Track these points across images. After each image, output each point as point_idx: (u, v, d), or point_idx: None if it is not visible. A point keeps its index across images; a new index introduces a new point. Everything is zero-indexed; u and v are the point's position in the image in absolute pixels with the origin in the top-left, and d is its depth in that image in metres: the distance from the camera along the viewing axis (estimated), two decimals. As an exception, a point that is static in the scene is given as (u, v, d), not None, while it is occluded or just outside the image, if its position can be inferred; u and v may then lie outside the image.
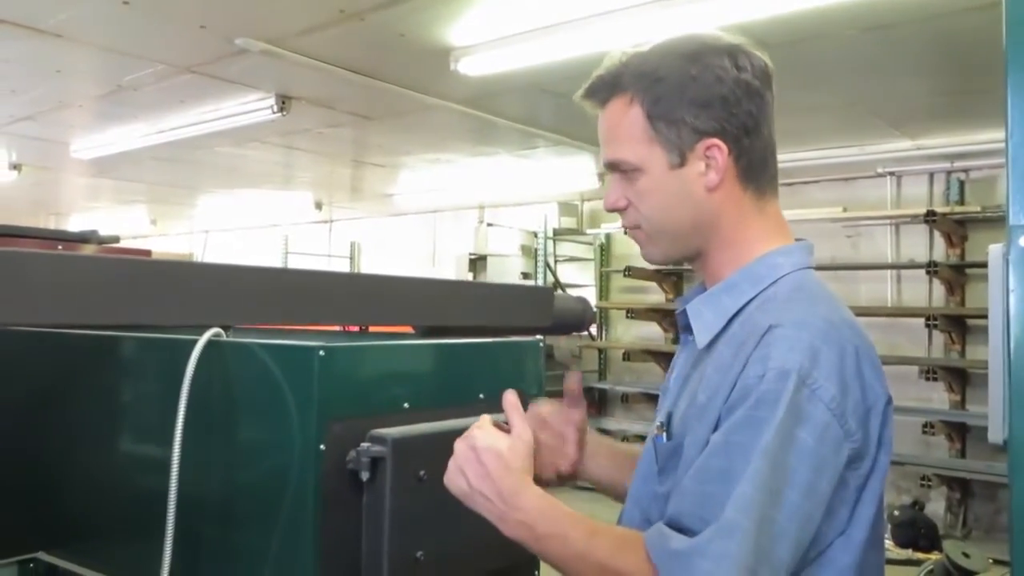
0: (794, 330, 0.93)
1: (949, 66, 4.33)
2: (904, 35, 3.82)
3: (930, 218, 5.86)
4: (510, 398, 1.11)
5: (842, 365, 0.93)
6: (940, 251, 6.20)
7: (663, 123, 1.03)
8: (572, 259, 8.55)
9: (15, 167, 7.45)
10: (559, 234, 8.27)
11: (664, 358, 7.05)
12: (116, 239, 2.58)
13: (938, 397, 6.10)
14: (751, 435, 0.89)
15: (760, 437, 0.89)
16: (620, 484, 1.25)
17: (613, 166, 1.10)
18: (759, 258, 1.06)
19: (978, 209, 5.86)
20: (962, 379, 6.00)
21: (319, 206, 9.75)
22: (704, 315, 1.07)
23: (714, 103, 1.01)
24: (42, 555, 1.53)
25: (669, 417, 1.08)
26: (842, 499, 0.94)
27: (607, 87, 1.09)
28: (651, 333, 7.70)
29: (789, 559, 0.89)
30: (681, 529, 0.91)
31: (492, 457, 1.03)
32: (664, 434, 1.07)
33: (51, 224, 11.34)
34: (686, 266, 1.13)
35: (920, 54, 4.12)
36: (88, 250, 2.31)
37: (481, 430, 1.07)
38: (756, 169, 1.05)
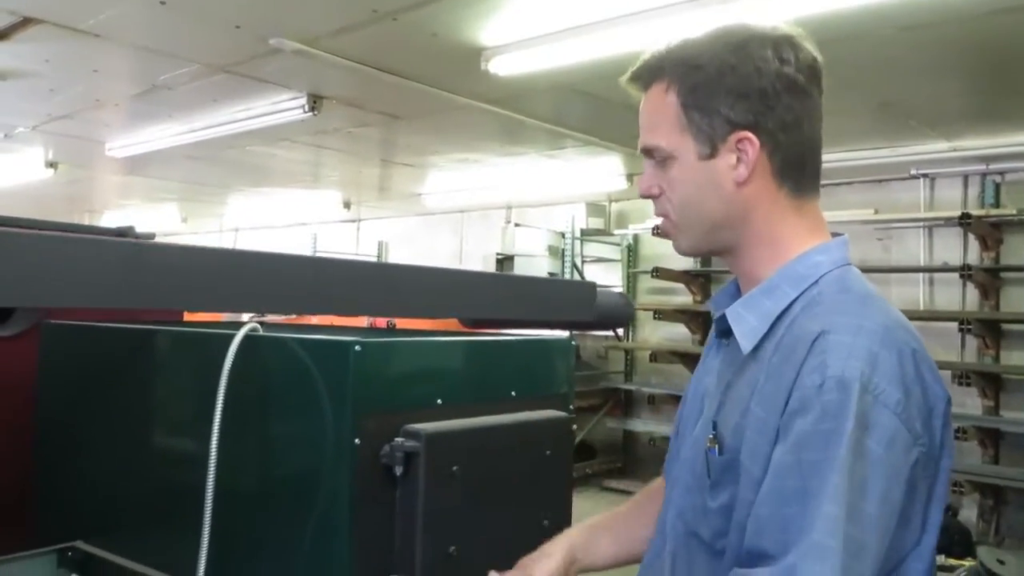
0: (850, 336, 0.90)
1: (986, 66, 4.27)
2: (940, 35, 3.77)
3: (964, 221, 5.78)
4: None
5: (902, 369, 0.90)
6: (974, 254, 6.11)
7: (697, 112, 1.01)
8: (599, 260, 8.53)
9: (51, 165, 7.58)
10: (587, 235, 8.25)
11: (691, 359, 7.01)
12: (152, 236, 2.62)
13: (971, 402, 6.01)
14: (823, 450, 0.86)
15: (833, 451, 0.85)
16: (635, 553, 1.25)
17: (647, 152, 1.08)
18: (798, 257, 1.02)
19: (1014, 212, 5.76)
20: (996, 384, 5.91)
21: (347, 205, 9.82)
22: (746, 319, 1.03)
23: (751, 95, 0.98)
24: (80, 544, 1.56)
25: (715, 426, 1.04)
26: (915, 506, 0.91)
27: (649, 72, 1.07)
28: (678, 334, 7.67)
29: (866, 570, 0.86)
30: (763, 555, 0.88)
31: None
32: (716, 447, 1.02)
33: (85, 221, 11.53)
34: (714, 267, 1.10)
35: (956, 54, 4.07)
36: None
37: None
38: (792, 166, 1.02)
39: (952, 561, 3.42)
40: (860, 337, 0.90)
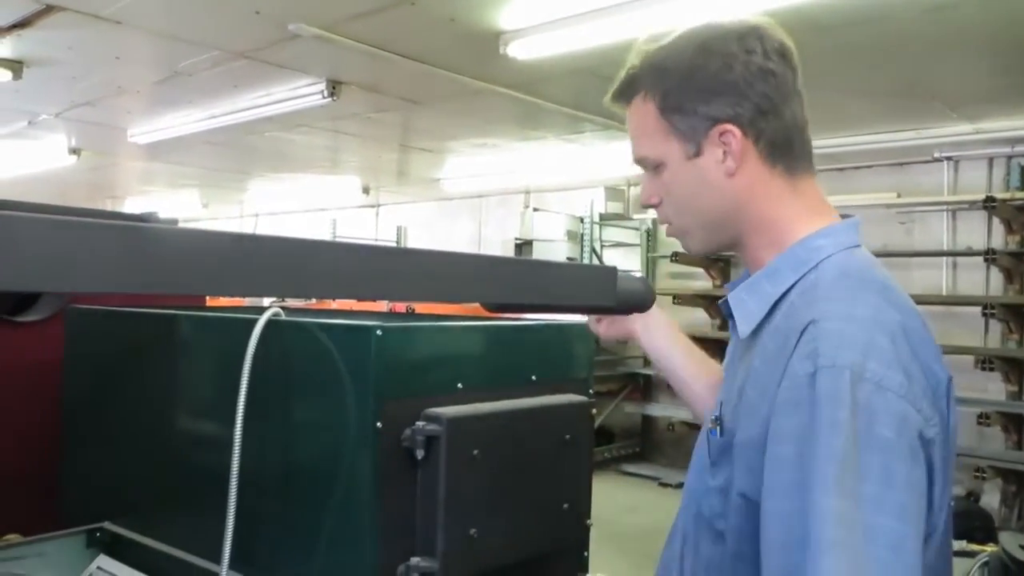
0: (841, 324, 0.90)
1: (1011, 47, 4.20)
2: (965, 15, 3.72)
3: (989, 204, 5.71)
4: None
5: (897, 352, 0.88)
6: (998, 238, 6.03)
7: (676, 115, 1.03)
8: (618, 244, 8.51)
9: (74, 152, 7.66)
10: (605, 219, 8.23)
11: (711, 344, 6.97)
12: (175, 222, 2.65)
13: (994, 387, 5.96)
14: (820, 442, 0.85)
15: (833, 441, 0.84)
16: (682, 369, 1.35)
17: (640, 163, 1.11)
18: (800, 241, 1.02)
19: (1039, 195, 5.70)
20: (1020, 369, 5.85)
21: (366, 191, 9.85)
22: (746, 303, 1.04)
23: (723, 89, 1.00)
24: (108, 525, 1.58)
25: (721, 407, 1.05)
26: (934, 488, 0.89)
27: (626, 87, 1.10)
28: (698, 319, 7.65)
29: (913, 559, 0.83)
30: (771, 550, 0.88)
31: None
32: (717, 428, 1.03)
33: (107, 207, 11.64)
34: (734, 252, 1.11)
35: (981, 35, 4.01)
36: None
37: None
38: (780, 148, 1.02)
39: (974, 547, 3.40)
40: (852, 324, 0.89)
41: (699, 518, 1.05)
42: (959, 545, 3.40)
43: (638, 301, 0.95)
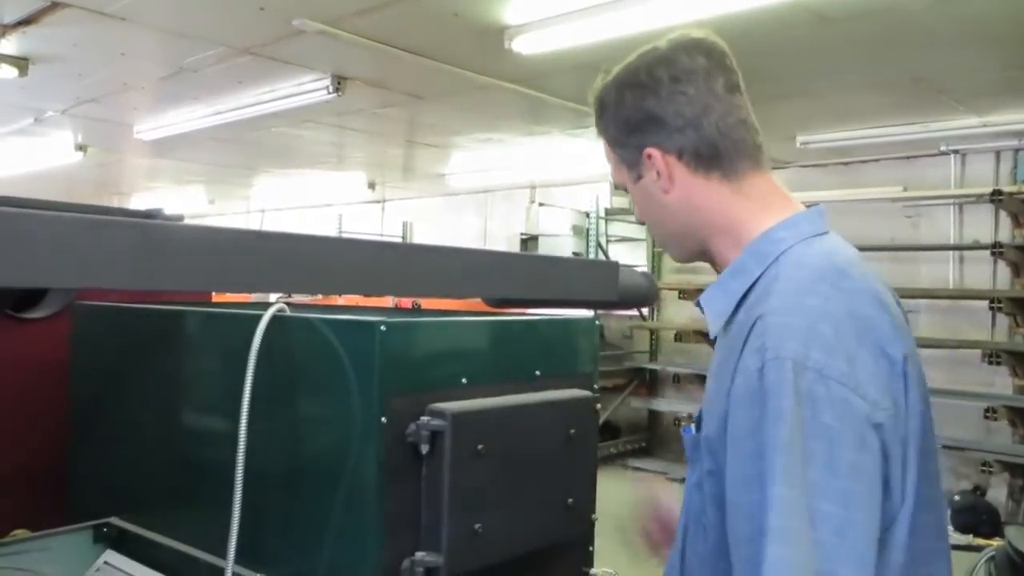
0: (787, 316, 0.93)
1: (1018, 39, 4.17)
2: (973, 7, 3.70)
3: (996, 197, 5.68)
4: None
5: (841, 339, 0.90)
6: (1006, 232, 6.01)
7: (617, 147, 1.15)
8: (624, 239, 8.50)
9: (81, 148, 7.68)
10: (611, 214, 8.22)
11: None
12: (180, 218, 2.65)
13: (1001, 382, 5.94)
14: (770, 433, 0.87)
15: (780, 432, 0.87)
16: None
17: (621, 189, 1.21)
18: (761, 235, 1.06)
19: (1047, 189, 5.67)
20: (1027, 363, 5.83)
21: (372, 186, 9.85)
22: (716, 302, 1.09)
23: (640, 119, 1.10)
24: (115, 520, 1.59)
25: (702, 407, 1.08)
26: (894, 473, 0.91)
27: (595, 124, 1.21)
28: (703, 314, 7.62)
29: (860, 545, 0.85)
30: (738, 542, 0.91)
31: None
32: (692, 425, 1.08)
33: (114, 204, 11.67)
34: (707, 259, 1.17)
35: (989, 27, 3.98)
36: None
37: None
38: (707, 159, 1.08)
39: (980, 541, 3.40)
40: (796, 316, 0.92)
41: (689, 514, 1.08)
42: (965, 539, 3.39)
43: (640, 296, 0.96)
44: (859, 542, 0.84)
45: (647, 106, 1.09)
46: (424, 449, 1.25)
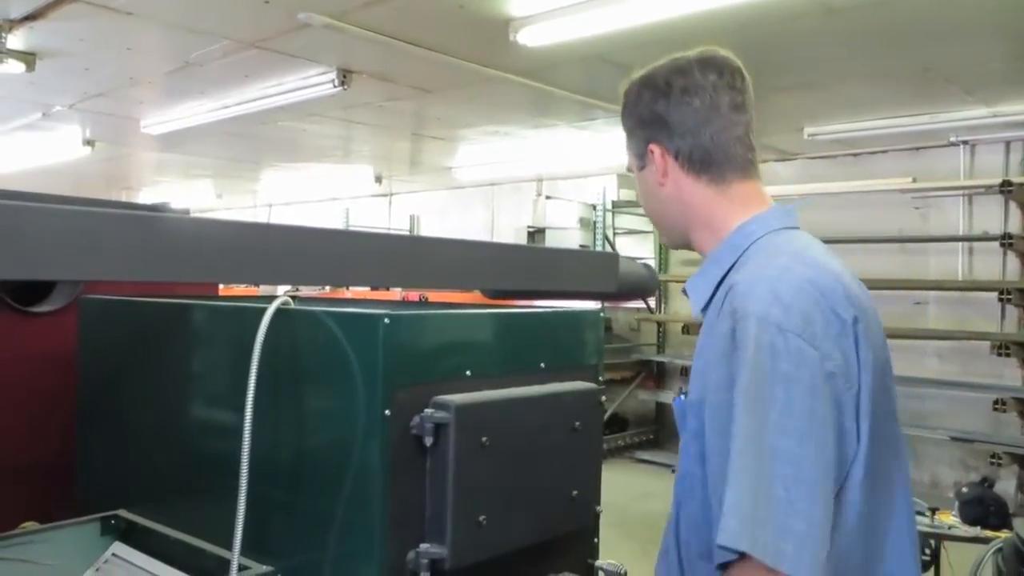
0: (751, 283, 1.07)
1: (1029, 29, 4.14)
2: (981, -3, 3.67)
3: (1005, 188, 5.65)
4: None
5: (800, 299, 1.04)
6: (1015, 223, 5.97)
7: (629, 136, 1.31)
8: (631, 232, 8.48)
9: (89, 143, 7.70)
10: (618, 206, 8.21)
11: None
12: (187, 212, 2.66)
13: (1010, 373, 5.91)
14: (735, 381, 1.01)
15: (740, 379, 1.00)
16: None
17: (629, 172, 1.37)
18: (735, 229, 1.22)
19: (1057, 179, 5.63)
20: (1036, 355, 5.80)
21: (379, 180, 9.85)
22: (698, 287, 1.24)
23: (652, 117, 1.25)
24: (123, 512, 1.60)
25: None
26: (847, 419, 1.03)
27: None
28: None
29: (814, 477, 0.97)
30: (716, 488, 1.03)
31: None
32: (682, 395, 1.21)
33: (122, 197, 11.71)
34: (691, 248, 1.37)
35: (997, 17, 3.95)
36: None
37: None
38: (700, 163, 1.23)
39: (988, 533, 3.38)
40: (760, 283, 1.07)
41: (682, 478, 1.18)
42: (973, 531, 3.38)
43: (641, 287, 0.97)
44: (813, 474, 0.97)
45: (658, 108, 1.24)
46: (428, 441, 1.25)
